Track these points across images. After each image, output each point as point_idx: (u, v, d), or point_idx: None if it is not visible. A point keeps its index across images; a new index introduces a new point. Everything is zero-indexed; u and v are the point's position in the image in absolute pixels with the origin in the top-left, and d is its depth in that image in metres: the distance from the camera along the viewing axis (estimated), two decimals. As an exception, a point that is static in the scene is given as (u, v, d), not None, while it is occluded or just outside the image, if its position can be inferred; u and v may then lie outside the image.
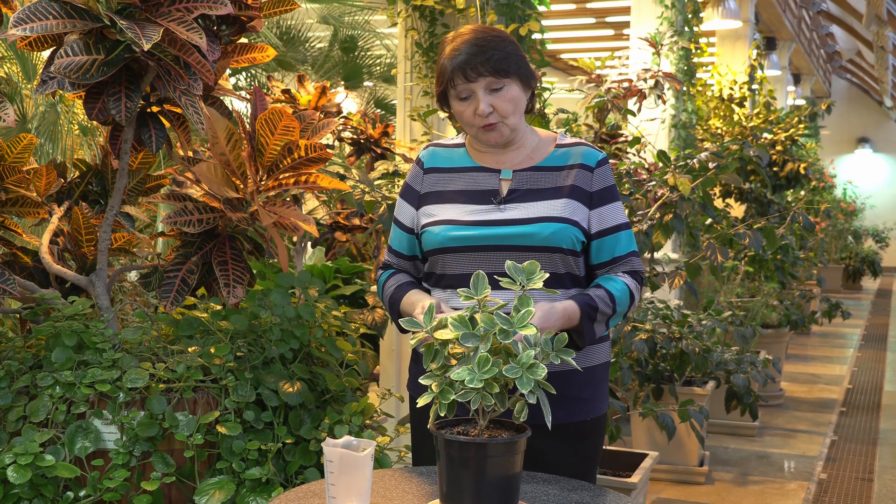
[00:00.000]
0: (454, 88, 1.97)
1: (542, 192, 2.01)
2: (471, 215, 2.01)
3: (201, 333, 2.54)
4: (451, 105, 2.02)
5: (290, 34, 6.99)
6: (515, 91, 1.98)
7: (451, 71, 1.96)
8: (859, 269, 14.96)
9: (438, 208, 2.05)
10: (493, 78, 1.95)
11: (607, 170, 2.06)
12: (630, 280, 2.03)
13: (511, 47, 1.98)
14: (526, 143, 2.07)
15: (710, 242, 4.06)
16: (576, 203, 2.00)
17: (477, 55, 1.94)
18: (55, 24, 2.19)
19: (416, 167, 2.14)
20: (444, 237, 2.00)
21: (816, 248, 8.03)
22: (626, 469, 3.59)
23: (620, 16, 10.27)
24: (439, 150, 2.14)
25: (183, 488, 2.31)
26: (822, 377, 7.52)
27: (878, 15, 8.16)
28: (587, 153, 2.06)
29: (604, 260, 2.04)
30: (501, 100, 1.97)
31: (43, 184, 2.71)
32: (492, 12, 4.15)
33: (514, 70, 1.97)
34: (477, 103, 1.96)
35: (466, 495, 1.58)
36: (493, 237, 1.97)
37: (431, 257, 2.06)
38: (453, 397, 1.56)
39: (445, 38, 2.02)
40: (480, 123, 1.98)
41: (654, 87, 4.10)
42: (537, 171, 2.04)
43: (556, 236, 1.96)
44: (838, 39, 14.42)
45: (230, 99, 2.98)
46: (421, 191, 2.10)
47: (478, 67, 1.94)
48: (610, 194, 2.05)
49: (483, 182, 2.04)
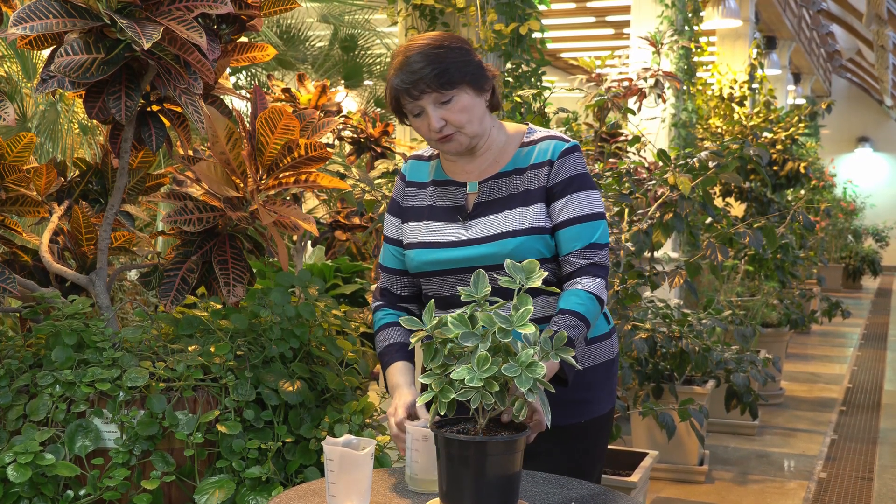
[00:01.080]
0: (404, 107, 1.94)
1: (504, 202, 1.96)
2: (439, 236, 1.98)
3: (201, 332, 2.54)
4: (409, 120, 1.98)
5: (290, 33, 6.99)
6: (466, 100, 1.92)
7: (398, 93, 1.92)
8: (859, 269, 14.95)
9: (413, 227, 2.03)
10: (437, 93, 1.90)
11: (572, 159, 1.97)
12: (588, 280, 1.92)
13: (453, 56, 1.91)
14: (493, 145, 2.02)
15: (710, 241, 4.06)
16: (536, 206, 1.95)
17: (417, 73, 1.89)
18: (55, 23, 2.19)
19: (399, 181, 2.12)
20: (419, 261, 1.99)
21: (816, 247, 8.03)
22: (625, 468, 3.60)
23: (620, 15, 10.28)
24: (418, 163, 2.11)
25: (183, 487, 2.31)
26: (822, 376, 7.52)
27: (879, 14, 8.16)
28: (550, 147, 1.98)
29: (563, 254, 1.95)
30: (451, 112, 1.91)
31: (43, 183, 2.71)
32: (492, 11, 4.15)
33: (458, 80, 1.90)
34: (428, 119, 1.92)
35: (466, 494, 1.58)
36: (460, 260, 1.94)
37: (416, 279, 2.05)
38: (453, 396, 1.56)
39: (394, 52, 1.98)
40: (436, 137, 1.95)
41: (654, 86, 4.10)
42: (500, 178, 1.99)
43: (520, 250, 1.91)
44: (838, 38, 14.42)
45: (230, 98, 2.98)
46: (403, 204, 2.08)
47: (419, 85, 1.89)
48: (571, 184, 1.95)
49: (451, 197, 2.02)
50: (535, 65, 4.24)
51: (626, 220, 3.79)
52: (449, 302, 1.97)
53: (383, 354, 2.04)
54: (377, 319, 2.10)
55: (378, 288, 2.14)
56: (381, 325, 2.08)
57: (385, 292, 2.11)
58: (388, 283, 2.11)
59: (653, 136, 6.39)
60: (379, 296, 2.13)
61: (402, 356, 2.01)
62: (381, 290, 2.13)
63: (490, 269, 1.89)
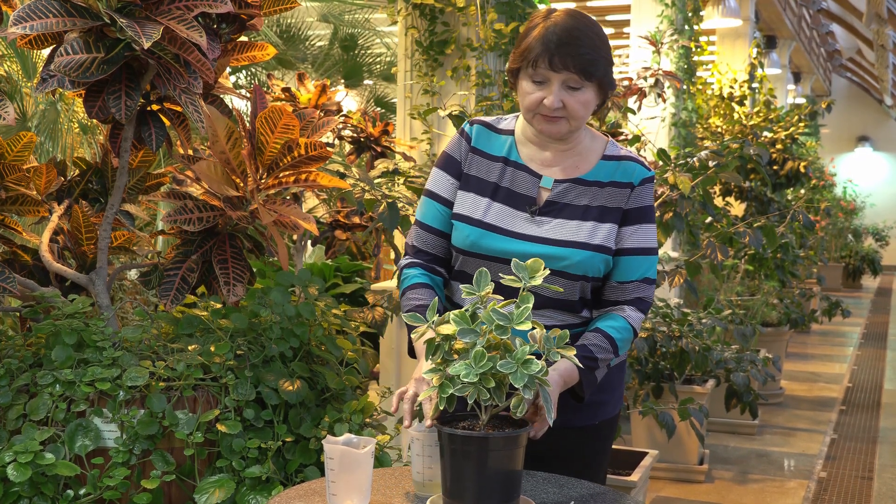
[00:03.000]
0: (532, 69, 1.84)
1: (580, 210, 1.91)
2: (507, 223, 1.90)
3: (201, 332, 2.54)
4: (520, 81, 1.88)
5: (290, 32, 6.99)
6: (590, 95, 1.86)
7: (538, 54, 1.81)
8: (859, 268, 14.95)
9: (475, 200, 1.93)
10: (576, 76, 1.82)
11: (648, 189, 1.95)
12: (634, 313, 1.93)
13: (604, 50, 1.85)
14: (578, 147, 1.95)
15: (710, 241, 4.06)
16: (609, 225, 1.91)
17: (569, 46, 1.80)
18: (55, 23, 2.19)
19: (460, 139, 1.99)
20: (475, 242, 1.90)
21: (816, 246, 8.03)
22: (625, 467, 3.60)
23: (620, 14, 10.27)
24: (488, 132, 1.99)
25: (183, 486, 2.31)
26: (822, 375, 7.52)
27: (879, 13, 8.16)
28: (633, 169, 1.95)
29: (617, 279, 1.94)
30: (575, 100, 1.84)
31: (43, 182, 2.71)
32: (492, 10, 4.15)
33: (599, 75, 1.84)
34: (549, 93, 1.83)
35: (468, 490, 1.58)
36: (524, 255, 1.82)
37: (457, 255, 1.95)
38: (451, 391, 1.57)
39: (537, 12, 1.89)
40: (544, 112, 1.86)
41: (654, 85, 4.10)
42: (578, 185, 1.92)
43: (584, 264, 1.88)
44: (838, 38, 14.42)
45: (230, 97, 2.98)
46: (466, 171, 1.96)
47: (566, 59, 1.80)
48: (644, 215, 1.94)
49: (522, 185, 1.93)
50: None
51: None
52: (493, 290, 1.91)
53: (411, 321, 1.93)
54: (407, 277, 1.97)
55: (410, 244, 2.02)
56: (413, 283, 1.94)
57: (418, 251, 2.00)
58: (425, 242, 1.99)
59: (653, 136, 6.38)
60: (412, 253, 2.00)
61: None
62: (413, 248, 2.00)
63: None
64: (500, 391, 1.58)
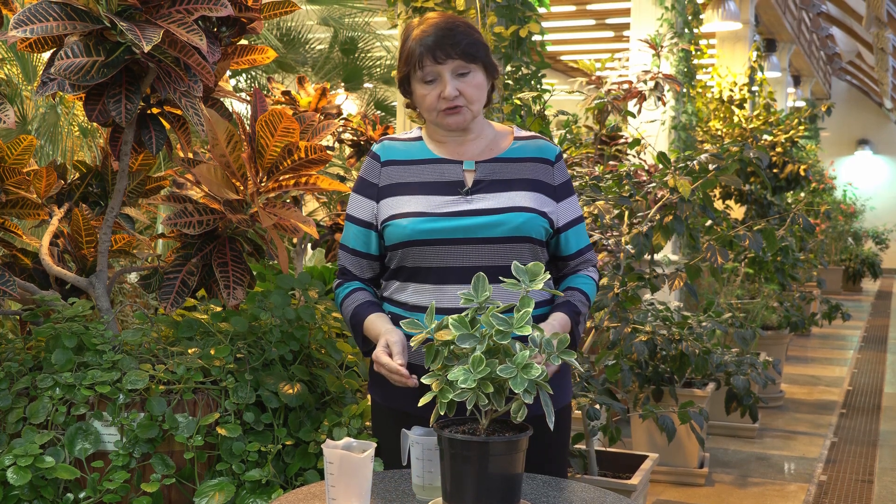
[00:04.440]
0: (421, 70, 1.97)
1: (509, 183, 2.03)
2: (439, 207, 1.99)
3: (201, 335, 2.54)
4: (414, 89, 2.02)
5: (290, 36, 6.99)
6: (480, 78, 2.00)
7: (420, 53, 1.96)
8: (859, 271, 14.95)
9: (403, 200, 2.01)
10: (461, 62, 1.96)
11: (563, 164, 2.12)
12: (594, 273, 2.13)
13: (477, 35, 2.00)
14: (484, 133, 2.09)
15: (710, 244, 4.06)
16: (541, 195, 2.04)
17: (446, 38, 1.95)
18: (55, 26, 2.19)
19: (370, 161, 2.10)
20: (412, 230, 1.97)
21: (816, 249, 8.02)
22: (626, 471, 3.59)
23: (620, 17, 10.28)
24: (395, 144, 2.11)
25: (183, 490, 2.31)
26: (823, 379, 7.52)
27: (878, 17, 8.16)
28: (545, 147, 2.10)
29: (570, 252, 2.10)
30: (468, 85, 1.98)
31: (43, 185, 2.71)
32: (492, 14, 4.15)
33: (481, 57, 1.99)
34: (443, 86, 1.97)
35: (468, 494, 1.58)
36: (463, 228, 1.96)
37: (395, 251, 2.02)
38: (451, 397, 1.56)
39: (411, 23, 2.03)
40: (443, 107, 1.98)
41: (653, 88, 4.10)
42: (499, 163, 2.05)
43: (527, 226, 1.98)
44: (838, 41, 14.43)
45: (230, 100, 2.98)
46: (380, 184, 2.06)
47: (447, 49, 1.95)
48: (569, 188, 2.11)
49: (446, 173, 2.03)
50: (535, 67, 4.24)
51: (626, 223, 3.79)
52: (440, 275, 1.97)
53: (356, 314, 2.03)
54: (340, 293, 2.10)
55: (339, 267, 2.14)
56: (346, 293, 2.08)
57: (346, 271, 2.11)
58: (350, 264, 2.11)
59: (653, 139, 6.39)
60: (340, 274, 2.12)
61: (375, 310, 2.02)
62: (341, 270, 2.12)
63: (487, 242, 1.96)
64: (499, 396, 1.58)
